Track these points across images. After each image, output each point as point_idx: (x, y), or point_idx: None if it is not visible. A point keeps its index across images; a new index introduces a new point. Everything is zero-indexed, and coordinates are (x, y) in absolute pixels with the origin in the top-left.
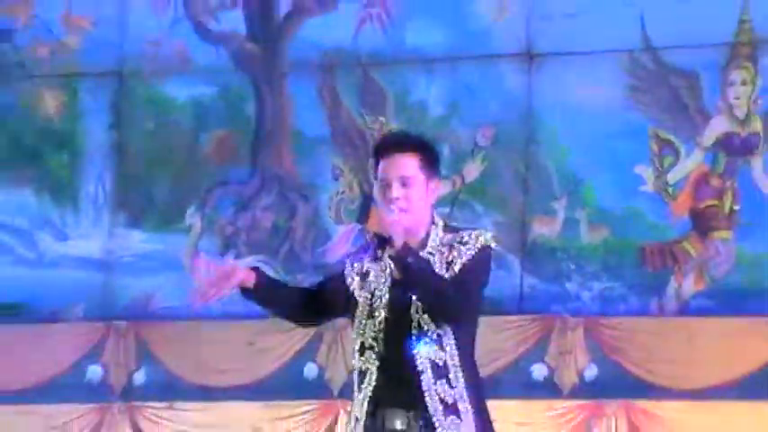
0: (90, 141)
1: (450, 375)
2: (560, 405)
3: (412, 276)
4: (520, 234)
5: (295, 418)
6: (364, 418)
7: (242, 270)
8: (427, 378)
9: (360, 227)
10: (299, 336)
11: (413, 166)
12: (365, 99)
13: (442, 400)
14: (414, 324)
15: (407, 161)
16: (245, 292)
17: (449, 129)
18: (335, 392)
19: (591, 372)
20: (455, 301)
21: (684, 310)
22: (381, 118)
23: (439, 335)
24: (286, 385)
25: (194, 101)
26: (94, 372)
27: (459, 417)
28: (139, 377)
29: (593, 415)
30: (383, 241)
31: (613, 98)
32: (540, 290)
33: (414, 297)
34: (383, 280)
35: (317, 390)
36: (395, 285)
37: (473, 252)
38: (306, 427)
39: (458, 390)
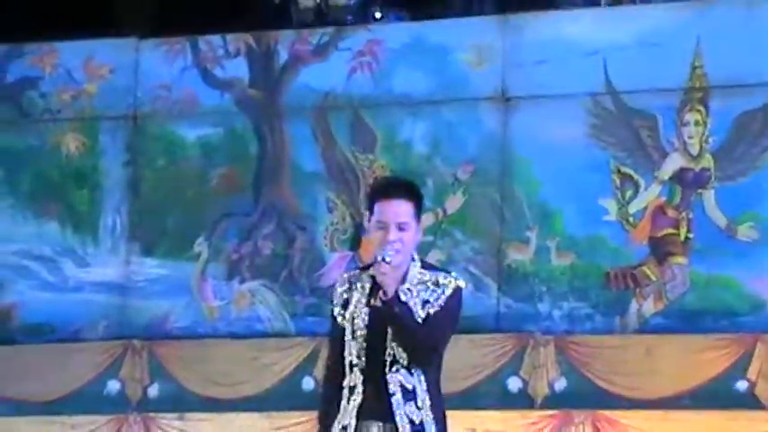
0: (108, 178)
1: (418, 398)
2: (533, 415)
3: (397, 323)
4: (496, 259)
5: (294, 427)
6: (354, 427)
7: None
8: (397, 399)
9: (351, 254)
10: (297, 352)
11: (408, 212)
12: (356, 138)
13: (410, 420)
14: (388, 351)
15: (404, 208)
16: None
17: (432, 165)
18: None
19: (561, 384)
20: (425, 347)
21: (644, 328)
22: (371, 156)
23: (409, 363)
24: (286, 397)
25: (202, 140)
26: (113, 386)
27: None
28: (153, 390)
29: (563, 423)
30: (374, 283)
31: (580, 137)
32: (514, 310)
33: (390, 332)
34: (362, 307)
35: (314, 401)
36: (373, 314)
37: (447, 295)
38: None
39: (424, 410)
